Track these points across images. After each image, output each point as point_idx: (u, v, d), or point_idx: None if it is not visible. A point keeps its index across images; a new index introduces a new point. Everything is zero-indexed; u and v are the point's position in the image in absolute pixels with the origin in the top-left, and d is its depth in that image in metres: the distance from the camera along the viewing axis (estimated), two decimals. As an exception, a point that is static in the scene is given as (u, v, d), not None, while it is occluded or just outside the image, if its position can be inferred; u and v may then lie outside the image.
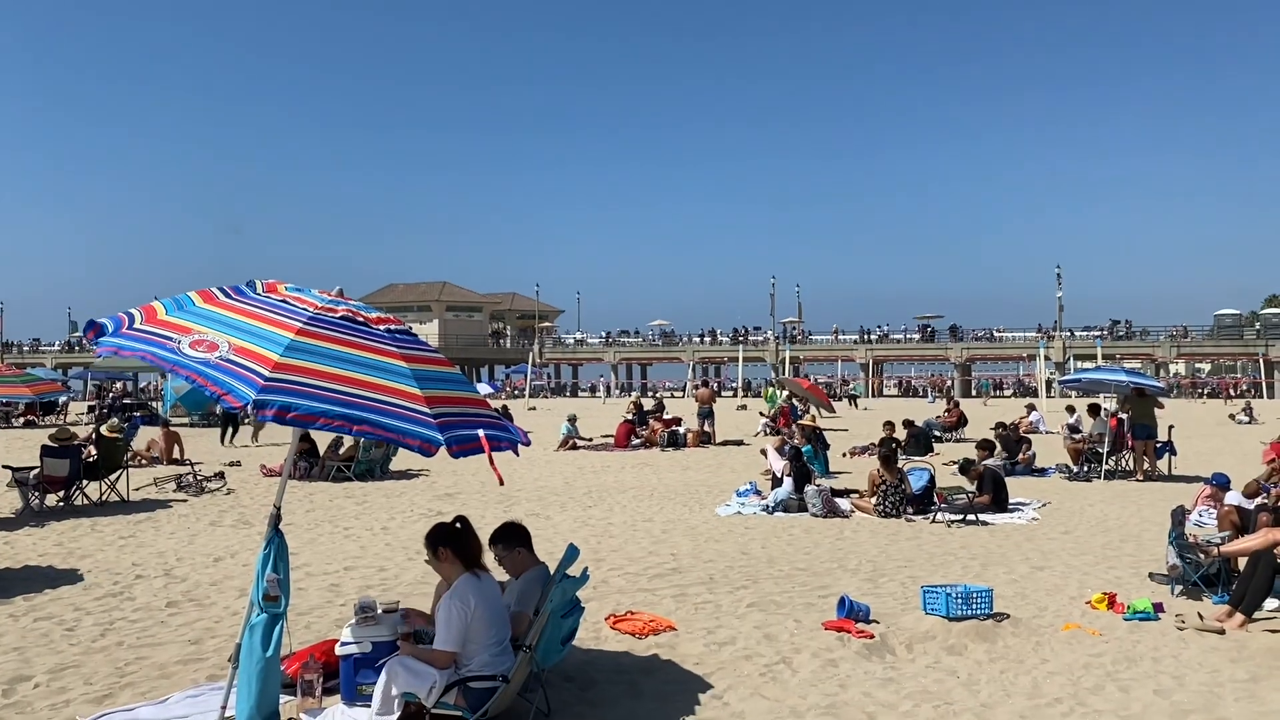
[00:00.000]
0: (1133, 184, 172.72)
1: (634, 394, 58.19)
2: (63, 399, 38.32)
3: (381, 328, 5.10)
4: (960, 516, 12.38)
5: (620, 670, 6.19)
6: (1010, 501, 13.32)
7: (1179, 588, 8.27)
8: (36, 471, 13.41)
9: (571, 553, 5.60)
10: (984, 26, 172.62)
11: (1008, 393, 74.78)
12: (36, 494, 13.24)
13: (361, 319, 5.09)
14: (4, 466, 14.49)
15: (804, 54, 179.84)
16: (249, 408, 4.28)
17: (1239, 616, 7.09)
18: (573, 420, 25.11)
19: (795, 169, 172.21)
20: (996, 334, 75.74)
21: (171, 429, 21.42)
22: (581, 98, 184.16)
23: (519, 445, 5.14)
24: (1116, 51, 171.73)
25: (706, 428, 25.34)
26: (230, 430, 24.47)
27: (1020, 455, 18.68)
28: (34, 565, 9.56)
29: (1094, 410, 19.56)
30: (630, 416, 25.70)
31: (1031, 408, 31.78)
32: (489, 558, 5.58)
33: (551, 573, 5.61)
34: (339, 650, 5.44)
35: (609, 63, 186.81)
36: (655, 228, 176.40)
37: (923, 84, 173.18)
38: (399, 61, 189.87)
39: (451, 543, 5.24)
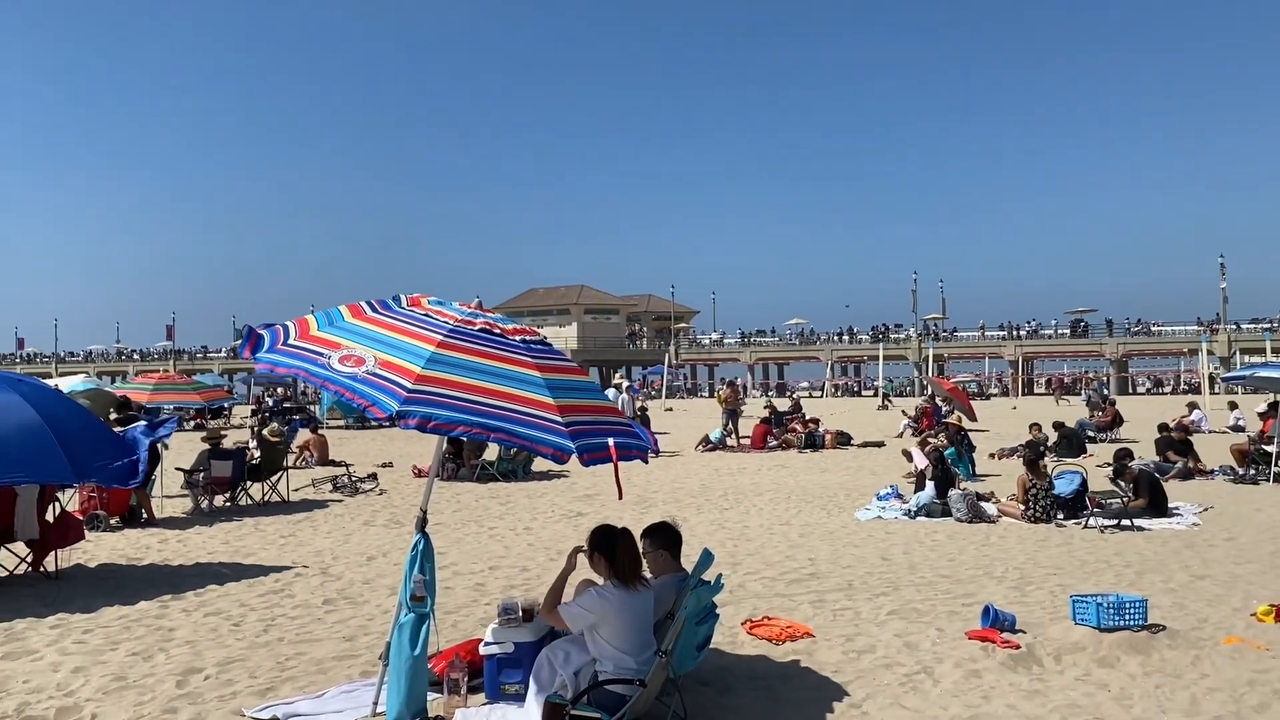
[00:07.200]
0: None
1: (770, 394, 57.56)
2: (228, 404, 40.59)
3: (517, 338, 5.28)
4: (1114, 521, 11.85)
5: (757, 676, 6.19)
6: (1169, 505, 12.70)
7: (1358, 600, 7.73)
8: (205, 473, 14.28)
9: (706, 558, 5.63)
10: (1134, 11, 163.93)
11: (1167, 390, 71.19)
12: (205, 495, 14.12)
13: (498, 331, 5.28)
14: (176, 469, 15.44)
15: (936, 52, 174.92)
16: (392, 418, 4.51)
17: None
18: (727, 431, 25.11)
19: (937, 164, 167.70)
20: (1154, 328, 72.04)
21: (320, 433, 22.48)
22: (718, 102, 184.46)
23: (648, 453, 5.23)
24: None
25: (729, 429, 24.99)
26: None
27: (1189, 462, 17.44)
28: (204, 563, 10.20)
29: (1275, 408, 18.42)
30: (767, 416, 25.60)
31: (1193, 406, 30.12)
32: None
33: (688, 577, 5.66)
34: (483, 650, 5.63)
35: (748, 71, 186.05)
36: (791, 225, 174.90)
37: (1066, 77, 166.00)
38: (542, 68, 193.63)
39: (606, 551, 5.35)
